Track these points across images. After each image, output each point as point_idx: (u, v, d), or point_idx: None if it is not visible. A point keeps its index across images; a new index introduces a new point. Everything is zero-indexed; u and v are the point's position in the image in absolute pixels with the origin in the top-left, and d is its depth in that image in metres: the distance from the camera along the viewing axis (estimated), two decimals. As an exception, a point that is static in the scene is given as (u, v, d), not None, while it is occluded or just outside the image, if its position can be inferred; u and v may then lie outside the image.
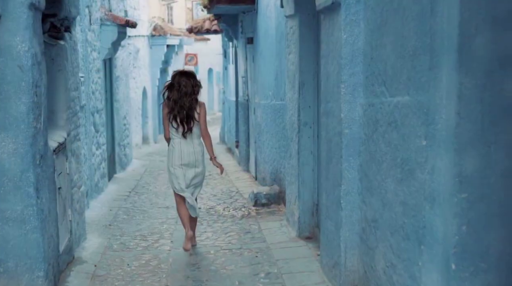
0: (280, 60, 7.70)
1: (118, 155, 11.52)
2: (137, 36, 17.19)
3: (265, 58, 8.86)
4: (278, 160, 8.06)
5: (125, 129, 12.52)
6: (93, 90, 8.86)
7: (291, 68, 6.38)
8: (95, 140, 8.95)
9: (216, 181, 10.72)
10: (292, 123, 6.37)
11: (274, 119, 8.20)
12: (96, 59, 9.21)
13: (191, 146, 5.82)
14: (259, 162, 9.82)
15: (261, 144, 9.45)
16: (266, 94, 8.88)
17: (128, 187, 10.16)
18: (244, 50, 11.09)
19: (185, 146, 5.80)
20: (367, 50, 4.03)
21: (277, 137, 8.02)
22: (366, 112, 4.03)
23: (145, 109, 18.27)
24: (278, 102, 7.89)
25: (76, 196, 5.92)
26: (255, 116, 10.05)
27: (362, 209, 4.14)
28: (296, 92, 6.14)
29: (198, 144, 5.88)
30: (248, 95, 10.94)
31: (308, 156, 6.10)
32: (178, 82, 5.75)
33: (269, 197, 7.93)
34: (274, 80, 8.16)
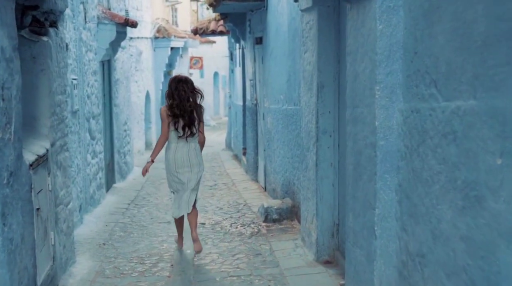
0: (294, 60, 6.95)
1: (118, 163, 10.79)
2: (140, 38, 16.49)
3: (276, 59, 8.11)
4: (290, 171, 7.30)
5: (126, 135, 11.79)
6: (89, 94, 8.13)
7: (307, 69, 5.63)
8: (90, 148, 8.22)
9: (222, 191, 9.97)
10: (308, 131, 5.61)
11: (287, 126, 7.44)
12: (92, 60, 8.48)
13: (192, 149, 5.91)
14: (268, 172, 9.06)
15: (271, 152, 8.70)
16: (277, 98, 8.13)
17: (127, 199, 9.42)
18: (252, 51, 10.35)
19: (184, 150, 5.89)
20: (409, 43, 3.27)
21: (290, 145, 7.26)
22: (408, 119, 3.26)
23: (148, 114, 17.55)
24: (291, 107, 7.14)
25: (62, 215, 5.18)
26: (265, 122, 9.30)
27: (402, 239, 3.37)
28: (314, 96, 5.38)
29: (194, 147, 5.95)
30: (257, 99, 10.19)
31: (327, 169, 5.34)
32: (177, 88, 5.85)
33: (281, 212, 7.17)
34: (286, 82, 7.41)
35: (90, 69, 8.27)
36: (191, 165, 5.91)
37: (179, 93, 5.82)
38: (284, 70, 7.55)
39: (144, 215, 8.20)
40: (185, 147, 5.88)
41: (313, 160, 5.46)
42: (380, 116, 3.47)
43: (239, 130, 13.41)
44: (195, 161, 5.93)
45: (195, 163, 5.94)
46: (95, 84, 8.64)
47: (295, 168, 7.02)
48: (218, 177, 11.68)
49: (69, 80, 6.88)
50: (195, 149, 5.94)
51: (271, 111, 8.58)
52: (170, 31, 18.52)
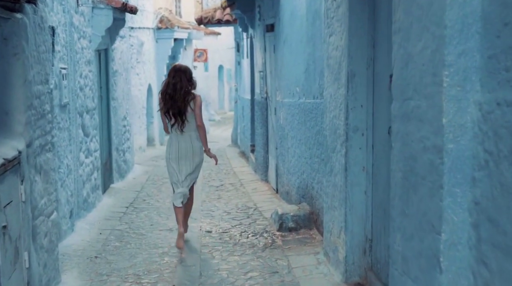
0: (313, 47, 6.09)
1: (116, 161, 9.95)
2: (141, 28, 15.63)
3: (291, 47, 7.24)
4: (309, 173, 6.45)
5: (125, 131, 10.94)
6: (82, 85, 7.28)
7: (333, 55, 4.77)
8: (84, 146, 7.38)
9: (229, 193, 9.12)
10: (335, 128, 4.76)
11: (304, 122, 6.58)
12: (86, 48, 7.63)
13: (188, 139, 5.89)
14: (281, 172, 8.21)
15: (285, 150, 7.84)
16: (291, 91, 7.27)
17: (125, 201, 8.58)
18: (263, 40, 9.48)
19: (181, 139, 5.89)
20: (493, 11, 2.41)
21: (308, 144, 6.41)
22: (491, 115, 2.41)
23: (150, 108, 16.68)
24: (310, 100, 6.28)
25: (43, 228, 4.33)
26: (277, 117, 8.44)
27: (479, 275, 2.51)
28: (343, 87, 4.52)
29: (195, 137, 5.93)
30: (267, 92, 9.33)
31: (359, 174, 4.48)
32: (173, 77, 5.85)
33: (297, 219, 6.32)
34: (304, 73, 6.54)
35: (83, 58, 7.42)
36: (187, 155, 5.89)
37: (174, 82, 5.81)
38: (301, 59, 6.69)
39: (143, 220, 7.35)
40: (181, 136, 5.87)
41: (341, 163, 4.60)
42: (449, 111, 2.61)
43: (246, 126, 12.55)
44: (191, 150, 5.90)
45: (191, 153, 5.90)
46: (90, 75, 7.80)
47: (314, 169, 6.17)
48: (225, 176, 10.83)
49: (57, 69, 6.04)
50: (191, 137, 5.89)
51: (285, 105, 7.72)
52: (174, 22, 17.64)
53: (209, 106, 25.19)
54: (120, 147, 10.28)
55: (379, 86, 4.26)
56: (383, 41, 4.13)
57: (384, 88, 4.08)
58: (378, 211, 4.32)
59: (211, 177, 10.82)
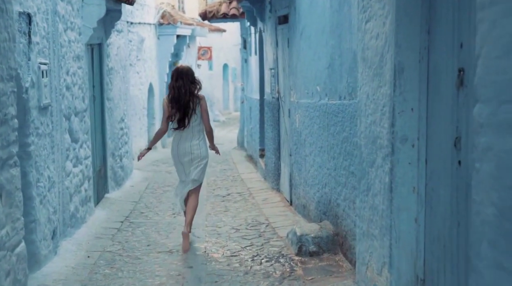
0: (339, 38, 5.12)
1: (112, 168, 9.00)
2: (142, 24, 14.68)
3: (310, 39, 6.28)
4: (332, 187, 5.48)
5: (123, 134, 9.98)
6: (68, 84, 6.33)
7: (372, 45, 3.80)
8: (71, 154, 6.42)
9: (237, 204, 8.15)
10: (374, 137, 3.79)
11: (326, 127, 5.62)
12: (75, 41, 6.68)
13: (191, 140, 5.92)
14: (296, 183, 7.24)
15: (301, 158, 6.87)
16: (310, 90, 6.30)
17: (120, 214, 7.62)
18: (274, 33, 8.52)
19: (184, 141, 5.94)
20: None
21: (332, 153, 5.44)
22: None
23: (151, 108, 15.74)
24: (335, 101, 5.32)
25: (3, 267, 3.38)
26: (291, 120, 7.48)
27: None
28: (387, 85, 3.55)
29: (198, 138, 5.96)
30: (279, 92, 8.36)
31: (408, 196, 3.50)
32: (176, 80, 5.88)
33: (320, 242, 5.35)
34: (327, 69, 5.58)
35: (70, 53, 6.46)
36: (192, 158, 5.93)
37: (178, 86, 5.84)
38: (323, 53, 5.72)
39: (140, 239, 6.39)
40: (186, 139, 5.93)
41: (383, 181, 3.64)
42: None
43: (254, 128, 11.59)
44: (196, 152, 5.93)
45: (196, 155, 5.94)
46: (79, 73, 6.84)
47: (340, 183, 5.20)
48: (232, 184, 9.87)
49: (35, 65, 5.09)
50: (199, 139, 5.94)
51: (301, 107, 6.75)
52: (176, 17, 16.67)
53: (213, 106, 24.20)
54: (116, 152, 9.33)
55: (436, 83, 3.29)
56: (443, 24, 3.16)
57: (445, 86, 3.12)
58: (433, 245, 3.35)
59: (216, 185, 9.86)
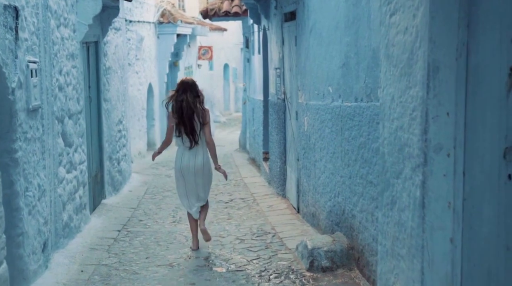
0: (356, 34, 4.69)
1: (109, 172, 8.57)
2: (141, 22, 14.27)
3: (321, 36, 5.84)
4: (347, 196, 5.05)
5: (121, 137, 9.55)
6: (61, 84, 5.89)
7: (399, 41, 3.36)
8: (65, 159, 5.99)
9: (241, 212, 7.72)
10: (401, 144, 3.35)
11: (340, 131, 5.19)
12: (69, 39, 6.25)
13: (195, 154, 5.85)
14: (304, 189, 6.81)
15: (310, 164, 6.44)
16: (321, 91, 5.87)
17: (118, 222, 7.18)
18: (280, 31, 8.09)
19: (189, 155, 5.85)
20: None
21: (347, 160, 5.01)
22: None
23: (150, 109, 15.34)
24: (350, 103, 4.88)
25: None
26: (298, 122, 7.04)
27: None
28: (418, 85, 3.12)
29: (203, 151, 5.90)
30: (285, 93, 7.93)
31: (443, 213, 3.07)
32: (181, 94, 5.84)
33: (333, 256, 4.92)
34: (340, 68, 5.14)
35: (64, 51, 6.03)
36: (196, 172, 5.85)
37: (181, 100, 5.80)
38: (335, 51, 5.29)
39: (138, 251, 5.96)
40: (190, 152, 5.84)
41: (413, 195, 3.20)
42: None
43: (258, 130, 11.15)
44: (200, 166, 5.85)
45: (200, 168, 5.85)
46: (73, 72, 6.42)
47: (356, 193, 4.77)
48: (234, 189, 9.43)
49: (22, 63, 4.66)
50: (197, 152, 5.85)
51: (311, 109, 6.32)
52: (176, 16, 16.24)
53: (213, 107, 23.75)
54: (114, 156, 8.90)
55: (478, 84, 2.85)
56: (487, 17, 2.73)
57: (490, 87, 2.68)
58: (474, 270, 2.92)
59: (218, 190, 9.42)
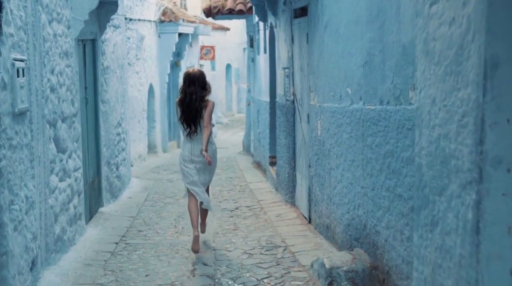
0: (382, 29, 4.18)
1: (107, 178, 8.06)
2: (142, 21, 13.76)
3: (338, 32, 5.33)
4: (369, 209, 4.54)
5: (120, 140, 9.04)
6: (53, 85, 5.39)
7: (443, 34, 2.85)
8: (57, 166, 5.48)
9: (247, 221, 7.21)
10: (447, 155, 2.84)
11: (361, 137, 4.67)
12: (62, 36, 5.74)
13: (199, 143, 5.90)
14: (317, 198, 6.29)
15: (324, 171, 5.93)
16: (337, 93, 5.36)
17: (115, 233, 6.67)
18: (289, 28, 7.58)
19: (193, 144, 5.94)
20: None
21: (369, 169, 4.49)
22: None
23: (151, 111, 14.82)
24: (374, 106, 4.37)
25: None
26: (310, 126, 6.53)
27: None
28: (470, 87, 2.60)
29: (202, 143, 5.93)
30: (295, 94, 7.42)
31: (502, 239, 2.55)
32: (188, 86, 5.89)
33: (354, 277, 4.41)
34: (362, 67, 4.63)
35: (56, 49, 5.53)
36: (201, 160, 5.90)
37: (190, 92, 5.87)
38: (356, 48, 4.78)
39: (137, 267, 5.44)
40: (196, 143, 5.92)
41: (463, 217, 2.69)
42: None
43: (263, 133, 10.64)
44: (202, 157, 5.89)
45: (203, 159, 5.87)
46: (67, 72, 5.91)
47: (381, 207, 4.26)
48: (240, 196, 8.92)
49: (7, 61, 4.14)
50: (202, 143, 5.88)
51: (325, 111, 5.81)
52: (178, 14, 15.73)
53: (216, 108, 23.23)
54: (112, 160, 8.39)
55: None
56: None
57: None
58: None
59: (223, 196, 8.92)
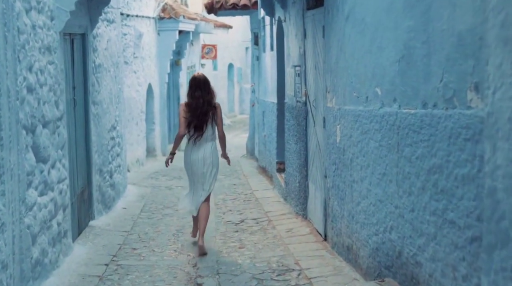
0: (426, 14, 3.40)
1: (99, 188, 7.29)
2: (140, 17, 13.00)
3: (364, 23, 4.55)
4: (406, 234, 3.76)
5: (114, 145, 8.27)
6: (31, 84, 4.62)
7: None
8: (37, 178, 4.72)
9: (255, 237, 6.43)
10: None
11: (396, 146, 3.89)
12: (43, 28, 4.98)
13: (204, 148, 5.95)
14: (335, 214, 5.52)
15: (345, 184, 5.15)
16: (363, 93, 4.58)
17: (106, 252, 5.90)
18: (301, 22, 6.81)
19: (198, 148, 5.95)
20: None
21: (408, 185, 3.71)
22: None
23: (150, 112, 14.05)
24: (413, 110, 3.59)
25: None
26: (327, 131, 5.75)
27: None
28: None
29: (211, 146, 6.00)
30: (307, 94, 6.65)
31: None
32: (194, 90, 5.92)
33: (390, 317, 3.64)
34: (397, 62, 3.85)
35: (36, 43, 4.76)
36: (205, 164, 5.95)
37: (197, 96, 5.88)
38: (389, 40, 4.00)
39: (128, 296, 4.69)
40: (200, 146, 5.95)
41: None
42: None
43: (270, 137, 9.87)
44: (209, 160, 5.97)
45: (209, 163, 5.96)
46: (50, 69, 5.15)
47: (422, 233, 3.48)
48: (245, 206, 8.15)
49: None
50: (211, 148, 5.99)
51: (346, 115, 5.03)
52: (179, 11, 14.96)
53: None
54: (105, 168, 7.62)
55: None
56: None
57: None
58: None
59: (226, 206, 8.15)
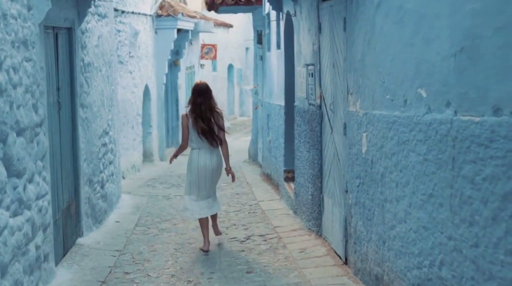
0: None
1: (89, 200, 6.51)
2: (136, 14, 12.24)
3: (404, 10, 3.76)
4: (467, 274, 2.97)
5: (106, 152, 7.49)
6: (1, 85, 3.85)
7: None
8: (8, 196, 3.94)
9: (263, 258, 5.65)
10: None
11: (450, 162, 3.11)
12: (18, 18, 4.21)
13: (210, 153, 6.00)
14: (359, 235, 4.74)
15: (373, 202, 4.37)
16: (399, 95, 3.80)
17: (94, 278, 5.12)
18: (315, 15, 6.04)
19: (204, 154, 5.98)
20: None
21: (468, 213, 2.93)
22: None
23: (147, 115, 13.29)
24: (477, 117, 2.81)
25: None
26: (348, 139, 4.98)
27: None
28: None
29: (216, 152, 6.06)
30: (323, 97, 5.88)
31: None
32: (197, 97, 5.98)
33: None
34: (453, 56, 3.06)
35: (8, 36, 3.99)
36: (212, 169, 5.98)
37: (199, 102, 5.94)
38: (439, 29, 3.22)
39: None
40: (206, 152, 5.98)
41: None
42: None
43: (276, 142, 9.09)
44: (215, 165, 6.00)
45: (215, 168, 6.01)
46: (27, 68, 4.37)
47: (491, 275, 2.70)
48: (250, 219, 7.37)
49: None
50: (217, 152, 6.02)
51: (376, 121, 4.26)
52: (177, 8, 14.20)
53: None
54: (95, 178, 6.84)
55: None
56: None
57: None
58: None
59: (230, 219, 7.37)
